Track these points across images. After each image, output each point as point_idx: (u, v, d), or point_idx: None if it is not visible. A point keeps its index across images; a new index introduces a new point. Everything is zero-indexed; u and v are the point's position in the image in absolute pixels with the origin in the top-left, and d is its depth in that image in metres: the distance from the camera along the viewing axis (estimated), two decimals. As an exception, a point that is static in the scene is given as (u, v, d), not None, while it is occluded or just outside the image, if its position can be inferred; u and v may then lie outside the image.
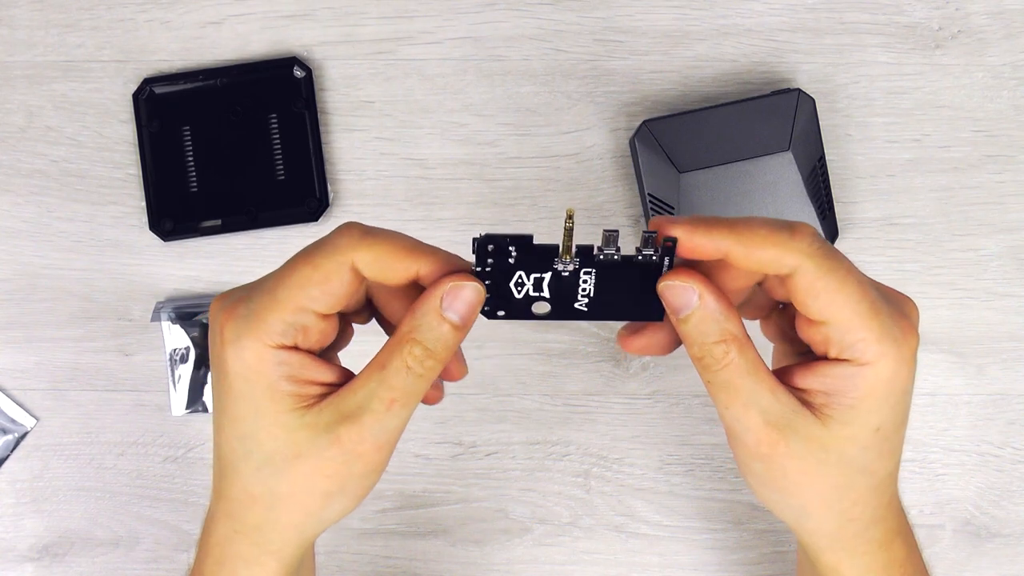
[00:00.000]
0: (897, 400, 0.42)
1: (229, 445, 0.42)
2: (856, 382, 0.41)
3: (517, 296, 0.42)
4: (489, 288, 0.42)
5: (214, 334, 0.41)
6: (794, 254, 0.40)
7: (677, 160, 0.63)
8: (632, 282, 0.42)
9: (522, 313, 0.43)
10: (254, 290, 0.41)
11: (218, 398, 0.42)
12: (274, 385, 0.41)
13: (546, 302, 0.43)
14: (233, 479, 0.43)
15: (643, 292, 0.42)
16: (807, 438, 0.42)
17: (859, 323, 0.40)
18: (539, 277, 0.42)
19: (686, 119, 0.63)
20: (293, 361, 0.41)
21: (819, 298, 0.40)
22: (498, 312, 0.43)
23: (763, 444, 0.42)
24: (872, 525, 0.45)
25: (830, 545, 0.45)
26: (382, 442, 0.41)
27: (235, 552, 0.44)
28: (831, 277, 0.40)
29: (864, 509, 0.44)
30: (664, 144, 0.63)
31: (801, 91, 0.64)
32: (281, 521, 0.42)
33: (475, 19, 0.68)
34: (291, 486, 0.42)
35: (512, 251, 0.41)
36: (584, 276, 0.42)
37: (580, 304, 0.43)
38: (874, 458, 0.43)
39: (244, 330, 0.40)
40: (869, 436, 0.42)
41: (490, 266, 0.41)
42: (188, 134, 0.68)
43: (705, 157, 0.63)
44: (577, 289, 0.42)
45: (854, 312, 0.40)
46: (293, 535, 0.43)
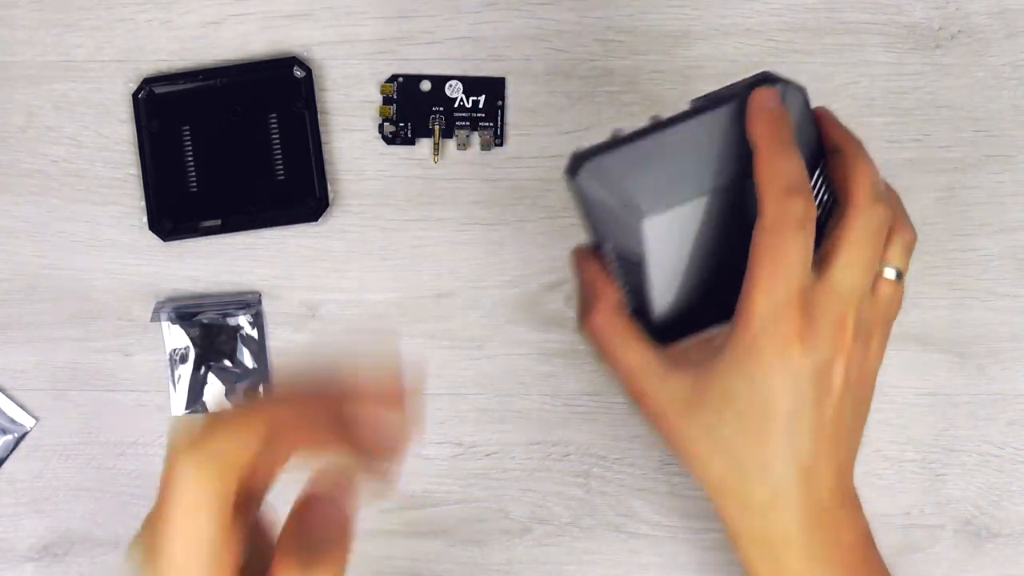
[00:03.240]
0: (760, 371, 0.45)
1: None
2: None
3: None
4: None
5: None
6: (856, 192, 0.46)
7: (633, 203, 0.45)
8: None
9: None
10: None
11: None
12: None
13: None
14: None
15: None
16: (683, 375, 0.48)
17: (754, 273, 0.45)
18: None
19: (638, 146, 0.46)
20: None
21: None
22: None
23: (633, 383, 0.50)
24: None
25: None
26: None
27: None
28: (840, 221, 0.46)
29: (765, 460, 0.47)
30: (612, 186, 0.45)
31: (789, 83, 0.49)
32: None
33: (475, 19, 0.68)
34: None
35: None
36: None
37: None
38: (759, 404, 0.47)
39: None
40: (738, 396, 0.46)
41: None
42: (188, 134, 0.68)
43: (673, 190, 0.46)
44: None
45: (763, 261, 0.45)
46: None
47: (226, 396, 0.68)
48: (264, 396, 0.36)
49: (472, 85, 0.68)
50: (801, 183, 0.44)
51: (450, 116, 0.68)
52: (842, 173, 0.47)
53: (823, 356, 0.45)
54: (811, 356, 0.44)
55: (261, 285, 0.68)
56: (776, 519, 0.47)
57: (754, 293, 0.44)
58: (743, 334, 0.44)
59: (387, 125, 0.68)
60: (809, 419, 0.45)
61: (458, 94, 0.68)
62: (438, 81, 0.68)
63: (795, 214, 0.43)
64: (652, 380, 0.48)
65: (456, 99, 0.68)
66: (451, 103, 0.68)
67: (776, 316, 0.43)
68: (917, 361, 0.68)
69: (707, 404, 0.46)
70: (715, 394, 0.46)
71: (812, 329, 0.44)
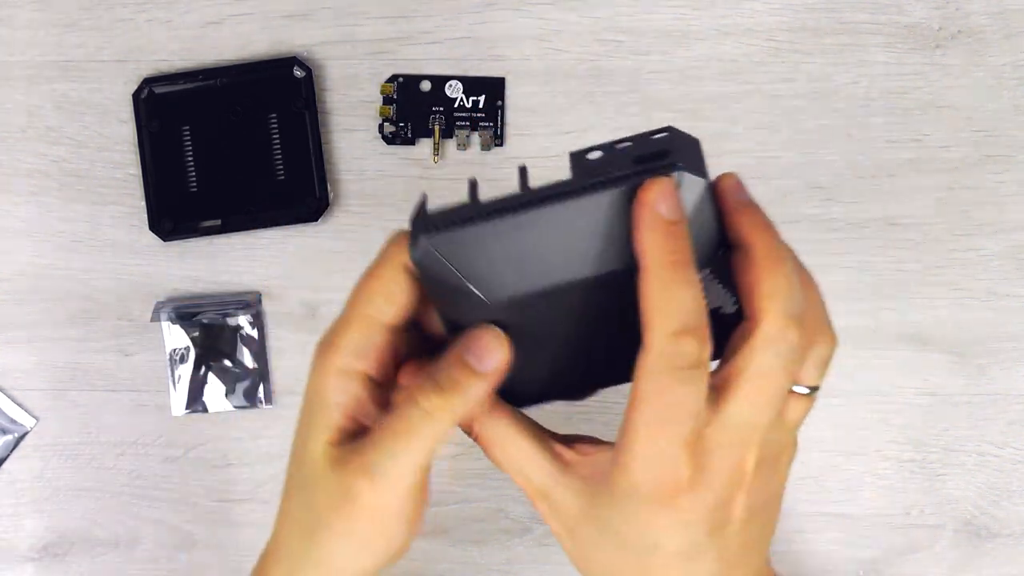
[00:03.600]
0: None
1: (291, 459, 0.42)
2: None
3: None
4: None
5: None
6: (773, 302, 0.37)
7: (481, 285, 0.38)
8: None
9: None
10: (340, 315, 0.41)
11: (300, 410, 0.42)
12: (330, 411, 0.40)
13: None
14: (287, 494, 0.42)
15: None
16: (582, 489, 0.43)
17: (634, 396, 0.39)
18: None
19: (497, 224, 0.38)
20: (354, 392, 0.40)
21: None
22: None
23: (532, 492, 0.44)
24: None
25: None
26: (387, 481, 0.39)
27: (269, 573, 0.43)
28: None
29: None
30: (458, 264, 0.38)
31: (686, 172, 0.37)
32: (311, 556, 0.41)
33: (475, 19, 0.68)
34: (314, 518, 0.41)
35: None
36: None
37: None
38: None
39: (319, 353, 0.40)
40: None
41: None
42: (188, 134, 0.68)
43: (528, 275, 0.39)
44: None
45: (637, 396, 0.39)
46: (320, 574, 0.42)
47: (226, 396, 0.68)
48: None
49: (472, 85, 0.68)
50: (697, 320, 0.36)
51: (450, 116, 0.68)
52: (749, 280, 0.37)
53: (718, 497, 0.38)
54: (703, 500, 0.38)
55: (261, 285, 0.68)
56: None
57: (634, 442, 0.38)
58: (622, 478, 0.39)
59: (387, 125, 0.68)
60: (709, 550, 0.40)
61: (458, 94, 0.68)
62: (438, 81, 0.68)
63: (687, 358, 0.36)
64: (545, 482, 0.43)
65: (456, 99, 0.68)
66: (451, 103, 0.68)
67: (660, 466, 0.38)
68: (917, 361, 0.68)
69: (594, 526, 0.42)
70: (600, 523, 0.41)
71: (703, 476, 0.38)
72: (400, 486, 0.39)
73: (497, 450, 0.42)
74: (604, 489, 0.40)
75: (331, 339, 0.40)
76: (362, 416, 0.40)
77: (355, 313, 0.40)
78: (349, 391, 0.40)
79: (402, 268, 0.39)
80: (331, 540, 0.41)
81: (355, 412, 0.40)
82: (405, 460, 0.39)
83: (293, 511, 0.42)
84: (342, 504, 0.40)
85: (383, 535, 0.41)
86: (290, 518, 0.42)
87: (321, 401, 0.40)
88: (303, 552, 0.42)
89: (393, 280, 0.39)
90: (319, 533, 0.41)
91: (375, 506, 0.40)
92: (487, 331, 0.39)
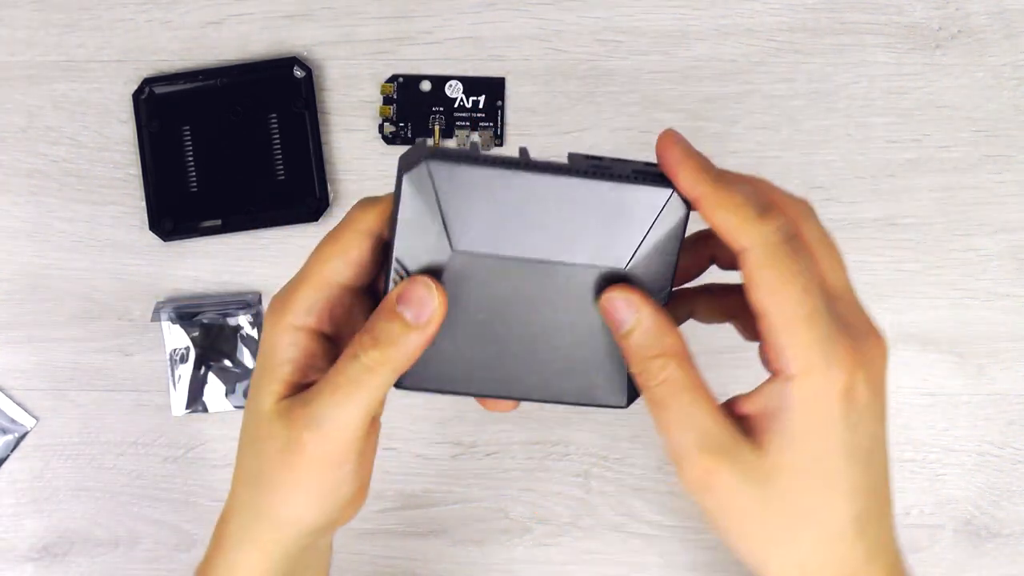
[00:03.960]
0: (838, 429, 0.38)
1: (245, 413, 0.43)
2: (786, 400, 0.38)
3: None
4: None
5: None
6: (750, 236, 0.37)
7: (454, 230, 0.40)
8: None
9: None
10: (297, 273, 0.42)
11: (255, 365, 0.43)
12: (279, 367, 0.41)
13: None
14: (240, 449, 0.44)
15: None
16: (745, 468, 0.38)
17: (788, 326, 0.37)
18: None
19: (503, 175, 0.39)
20: (305, 347, 0.41)
21: (758, 289, 0.38)
22: None
23: (700, 472, 0.38)
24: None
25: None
26: (331, 432, 0.40)
27: (227, 532, 0.44)
28: (774, 271, 0.37)
29: (825, 564, 0.39)
30: (444, 199, 0.39)
31: (677, 195, 0.40)
32: (260, 507, 0.42)
33: (475, 19, 0.68)
34: (263, 470, 0.42)
35: None
36: None
37: None
38: (821, 499, 0.38)
39: (273, 310, 0.42)
40: (809, 468, 0.38)
41: None
42: (188, 134, 0.68)
43: (501, 238, 0.40)
44: None
45: (789, 314, 0.37)
46: (267, 526, 0.43)
47: (226, 396, 0.68)
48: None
49: (472, 85, 0.68)
50: (768, 201, 0.38)
51: (450, 116, 0.68)
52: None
53: (874, 373, 0.39)
54: (868, 373, 0.38)
55: (261, 285, 0.68)
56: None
57: (795, 332, 0.37)
58: (804, 377, 0.38)
59: (387, 125, 0.68)
60: (881, 439, 0.40)
61: (458, 94, 0.68)
62: (438, 81, 0.68)
63: (784, 231, 0.38)
64: (723, 441, 0.39)
65: (456, 99, 0.68)
66: (451, 103, 0.68)
67: (828, 334, 0.38)
68: (917, 361, 0.68)
69: (772, 478, 0.39)
70: (781, 469, 0.38)
71: (859, 343, 0.39)
72: (344, 437, 0.40)
73: (676, 404, 0.39)
74: (786, 417, 0.38)
75: (285, 296, 0.41)
76: (314, 372, 0.41)
77: (311, 271, 0.41)
78: (300, 346, 0.41)
79: (362, 233, 0.41)
80: (278, 491, 0.41)
81: (306, 367, 0.41)
82: (348, 411, 0.40)
83: (245, 465, 0.43)
84: (288, 455, 0.41)
85: (329, 486, 0.42)
86: (243, 471, 0.43)
87: (273, 356, 0.41)
88: (253, 505, 0.42)
89: (352, 243, 0.41)
90: (266, 485, 0.42)
91: (319, 456, 0.40)
92: (420, 282, 0.39)
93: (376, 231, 0.41)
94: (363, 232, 0.41)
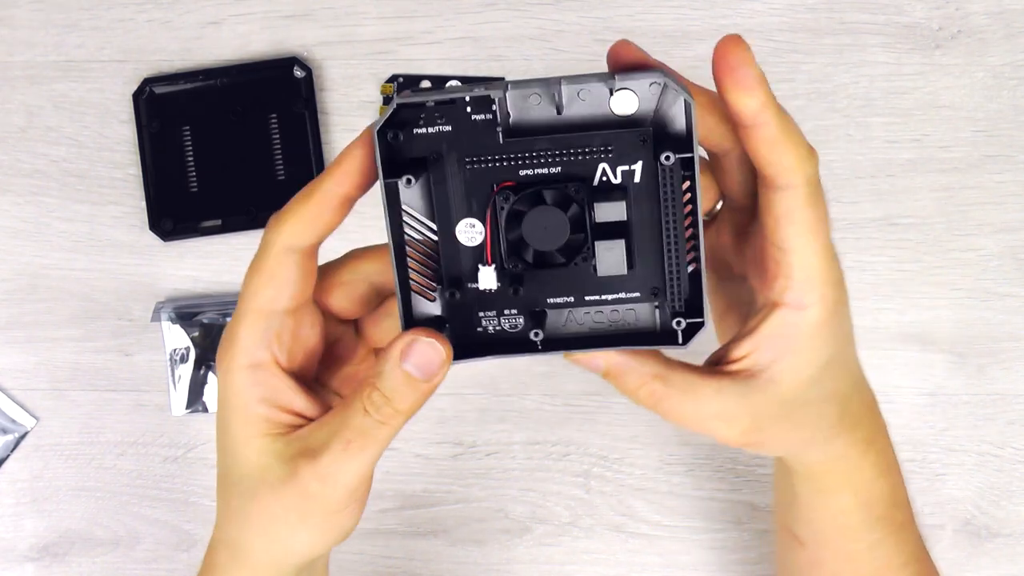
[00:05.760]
0: (836, 332, 0.42)
1: (220, 454, 0.43)
2: (799, 327, 0.41)
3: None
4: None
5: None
6: (801, 173, 0.39)
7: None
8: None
9: None
10: (235, 308, 0.42)
11: (217, 405, 0.43)
12: (248, 407, 0.41)
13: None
14: (222, 487, 0.43)
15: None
16: (773, 409, 0.41)
17: (814, 261, 0.40)
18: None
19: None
20: (268, 383, 0.41)
21: (795, 224, 0.39)
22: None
23: (742, 442, 0.42)
24: (855, 428, 0.45)
25: (822, 459, 0.46)
26: (340, 483, 0.40)
27: (216, 560, 0.44)
28: (814, 210, 0.39)
29: (843, 419, 0.44)
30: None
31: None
32: (252, 541, 0.42)
33: (475, 19, 0.68)
34: (258, 510, 0.41)
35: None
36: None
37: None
38: (832, 383, 0.43)
39: (223, 352, 0.41)
40: (822, 370, 0.42)
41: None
42: (188, 134, 0.68)
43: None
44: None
45: (818, 250, 0.40)
46: (264, 558, 0.43)
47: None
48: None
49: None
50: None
51: (450, 116, 0.68)
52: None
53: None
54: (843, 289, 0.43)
55: (261, 285, 0.68)
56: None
57: (806, 254, 0.40)
58: (819, 312, 0.41)
59: (387, 125, 0.68)
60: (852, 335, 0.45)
61: (458, 94, 0.68)
62: (438, 81, 0.68)
63: (818, 175, 0.40)
64: (740, 408, 0.42)
65: (456, 99, 0.68)
66: (451, 103, 0.68)
67: (829, 264, 0.41)
68: (917, 361, 0.68)
69: (792, 390, 0.42)
70: (796, 381, 0.42)
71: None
72: (352, 486, 0.41)
73: (680, 408, 0.41)
74: (797, 340, 0.41)
75: (229, 337, 0.41)
76: (285, 401, 0.41)
77: (246, 308, 0.41)
78: (262, 382, 0.41)
79: (282, 253, 0.40)
80: (279, 531, 0.42)
81: (276, 399, 0.41)
82: (358, 465, 0.40)
83: (233, 505, 0.42)
84: (291, 500, 0.41)
85: (333, 525, 0.42)
86: (231, 512, 0.43)
87: (239, 398, 0.41)
88: (245, 541, 0.43)
89: (277, 267, 0.40)
90: (263, 525, 0.42)
91: (325, 505, 0.41)
92: (423, 342, 0.39)
93: (297, 244, 0.40)
94: (283, 251, 0.40)
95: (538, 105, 0.37)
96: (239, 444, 0.41)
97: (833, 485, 0.47)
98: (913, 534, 0.51)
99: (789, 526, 0.51)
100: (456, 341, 0.40)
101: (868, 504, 0.48)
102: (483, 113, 0.37)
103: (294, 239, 0.40)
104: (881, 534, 0.48)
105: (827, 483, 0.47)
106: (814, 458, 0.46)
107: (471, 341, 0.40)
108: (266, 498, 0.41)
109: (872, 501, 0.48)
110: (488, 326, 0.40)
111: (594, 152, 0.38)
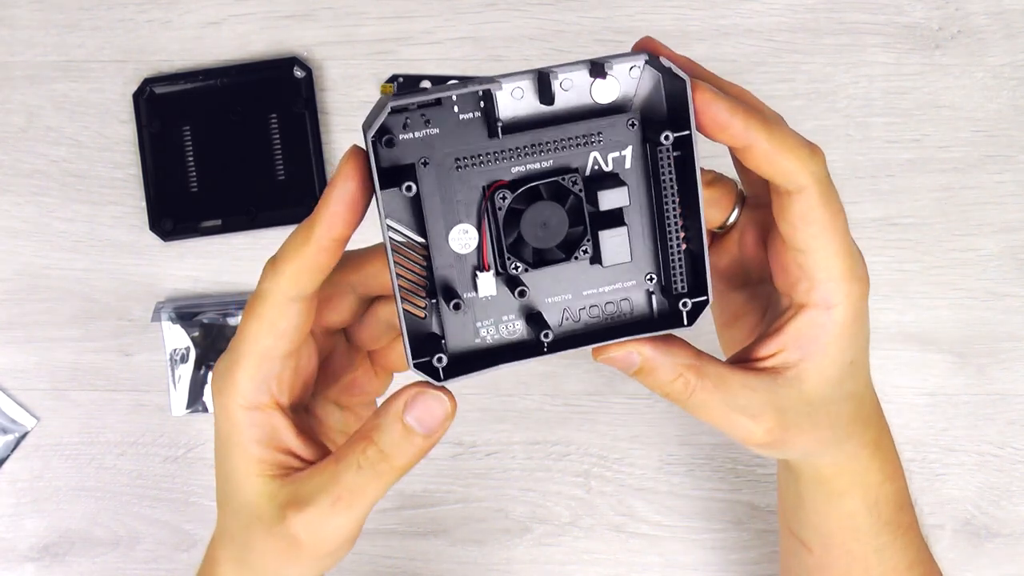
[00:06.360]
0: (859, 332, 0.42)
1: (219, 480, 0.42)
2: (825, 327, 0.41)
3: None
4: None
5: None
6: (806, 175, 0.39)
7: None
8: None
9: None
10: (232, 343, 0.41)
11: (214, 432, 0.42)
12: (246, 447, 0.41)
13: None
14: (221, 505, 0.43)
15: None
16: (798, 406, 0.42)
17: (836, 261, 0.40)
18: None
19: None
20: (267, 424, 0.40)
21: (811, 226, 0.40)
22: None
23: (766, 440, 0.42)
24: (865, 429, 0.46)
25: (833, 462, 0.46)
26: (327, 537, 0.40)
27: (218, 556, 0.44)
28: (828, 208, 0.40)
29: (856, 420, 0.45)
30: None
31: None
32: (253, 564, 0.42)
33: (475, 19, 0.68)
34: (252, 541, 0.41)
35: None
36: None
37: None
38: (852, 384, 0.43)
39: (220, 388, 0.41)
40: (845, 370, 0.42)
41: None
42: (188, 134, 0.68)
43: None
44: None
45: (837, 248, 0.40)
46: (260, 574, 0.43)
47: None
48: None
49: (472, 85, 0.68)
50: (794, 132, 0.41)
51: (450, 116, 0.68)
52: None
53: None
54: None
55: (261, 285, 0.68)
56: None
57: (829, 249, 0.40)
58: (845, 311, 0.41)
59: (387, 125, 0.68)
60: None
61: (458, 94, 0.68)
62: (438, 81, 0.68)
63: (825, 164, 0.40)
64: (771, 398, 0.42)
65: (456, 99, 0.68)
66: (451, 103, 0.68)
67: (850, 255, 0.41)
68: (917, 361, 0.68)
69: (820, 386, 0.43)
70: (821, 376, 0.43)
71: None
72: (344, 536, 0.40)
73: (711, 403, 0.41)
74: (824, 340, 0.41)
75: (228, 377, 0.40)
76: (283, 441, 0.41)
77: (246, 351, 0.40)
78: (260, 424, 0.40)
79: (283, 303, 0.39)
80: (270, 565, 0.41)
81: (274, 441, 0.41)
82: (349, 518, 0.40)
83: (231, 527, 0.43)
84: (282, 545, 0.40)
85: (323, 565, 0.42)
86: (228, 535, 0.43)
87: (238, 436, 0.41)
88: (243, 566, 0.43)
89: (280, 318, 0.39)
90: (257, 556, 0.41)
91: (316, 551, 0.40)
92: (430, 395, 0.39)
93: (296, 292, 0.39)
94: (284, 301, 0.39)
95: (522, 99, 0.37)
96: (239, 475, 0.41)
97: (842, 488, 0.47)
98: (918, 536, 0.51)
99: (795, 531, 0.51)
100: (456, 356, 0.39)
101: (876, 506, 0.48)
102: (471, 112, 0.37)
103: (294, 290, 0.39)
104: (888, 537, 0.48)
105: (836, 486, 0.47)
106: (826, 460, 0.46)
107: (471, 354, 0.40)
108: (259, 534, 0.41)
109: (880, 503, 0.48)
110: (487, 336, 0.40)
111: (584, 141, 0.38)
